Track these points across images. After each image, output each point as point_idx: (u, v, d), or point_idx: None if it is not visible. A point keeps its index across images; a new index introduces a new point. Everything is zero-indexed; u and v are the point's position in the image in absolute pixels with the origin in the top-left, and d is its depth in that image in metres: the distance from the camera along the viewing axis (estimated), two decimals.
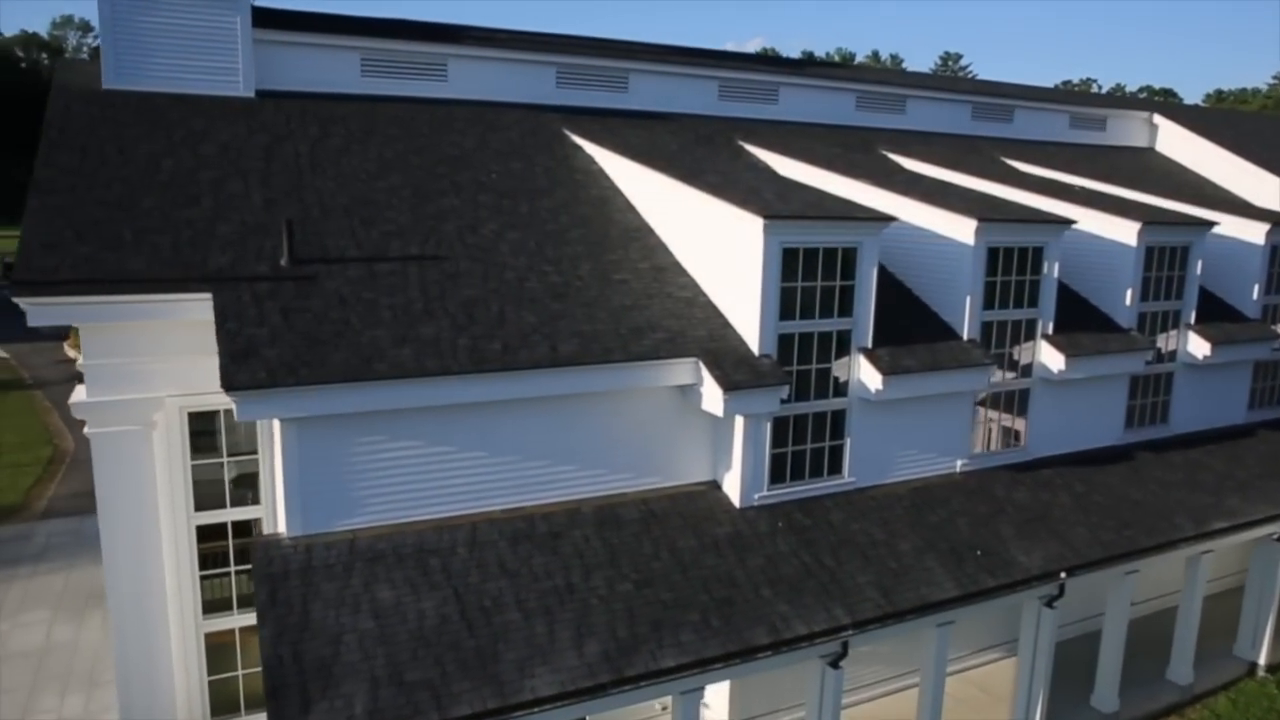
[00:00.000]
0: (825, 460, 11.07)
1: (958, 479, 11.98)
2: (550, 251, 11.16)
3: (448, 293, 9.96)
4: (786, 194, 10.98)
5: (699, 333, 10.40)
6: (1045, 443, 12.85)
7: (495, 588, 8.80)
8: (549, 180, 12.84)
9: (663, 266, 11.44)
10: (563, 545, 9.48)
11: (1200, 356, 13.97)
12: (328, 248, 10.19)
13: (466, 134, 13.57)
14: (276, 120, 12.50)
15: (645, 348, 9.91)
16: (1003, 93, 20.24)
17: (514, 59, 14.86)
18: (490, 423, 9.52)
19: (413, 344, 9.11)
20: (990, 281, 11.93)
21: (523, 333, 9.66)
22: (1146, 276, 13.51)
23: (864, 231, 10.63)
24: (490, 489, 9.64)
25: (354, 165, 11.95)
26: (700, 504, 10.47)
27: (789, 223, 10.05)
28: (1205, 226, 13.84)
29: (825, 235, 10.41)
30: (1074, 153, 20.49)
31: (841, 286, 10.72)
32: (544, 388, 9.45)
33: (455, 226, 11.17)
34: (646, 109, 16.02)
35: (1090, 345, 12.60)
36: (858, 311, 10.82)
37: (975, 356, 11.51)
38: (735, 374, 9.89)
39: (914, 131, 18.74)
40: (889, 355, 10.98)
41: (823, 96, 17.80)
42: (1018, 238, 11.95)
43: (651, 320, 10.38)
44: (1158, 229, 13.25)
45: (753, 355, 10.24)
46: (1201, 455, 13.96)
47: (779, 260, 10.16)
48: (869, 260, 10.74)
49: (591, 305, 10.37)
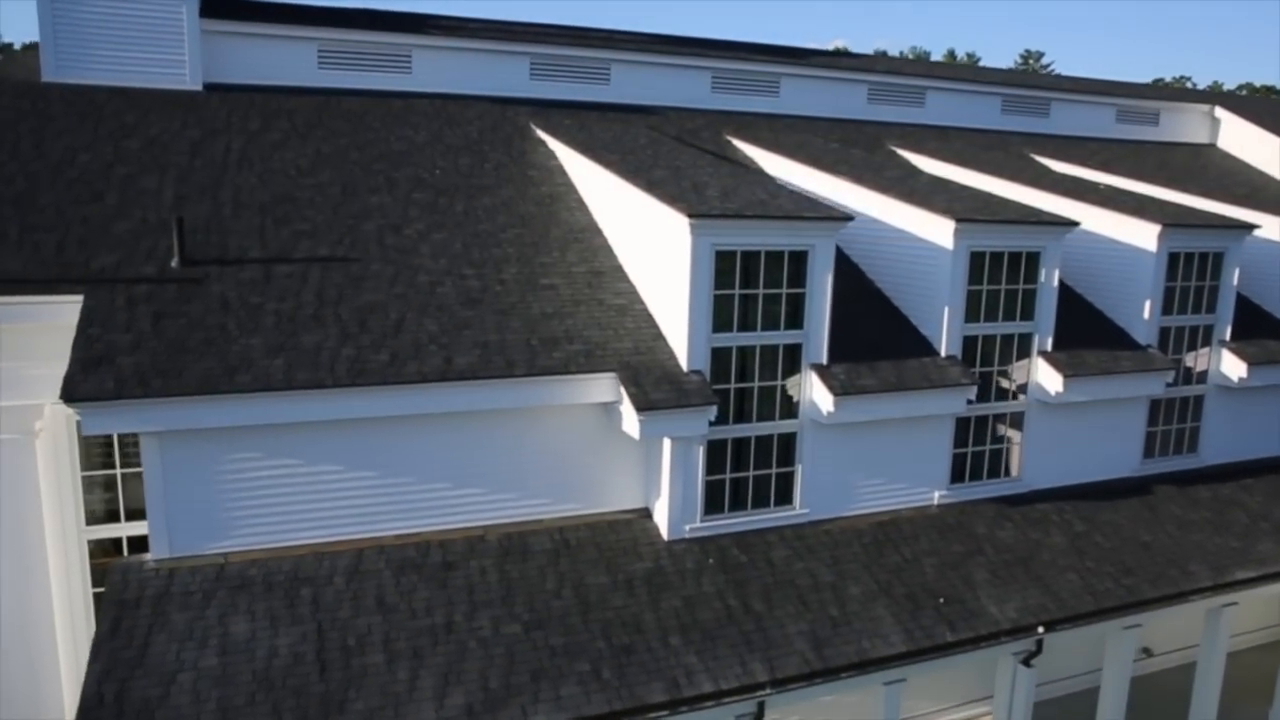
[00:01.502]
0: (772, 489, 9.91)
1: (933, 513, 10.64)
2: (476, 254, 10.29)
3: (346, 298, 9.17)
4: (735, 191, 9.86)
5: (624, 345, 9.38)
6: (1042, 473, 11.38)
7: (365, 624, 7.96)
8: (497, 177, 11.98)
9: (601, 271, 10.45)
10: (454, 578, 8.58)
11: (1235, 379, 12.24)
12: (229, 248, 9.53)
13: (421, 128, 12.82)
14: (217, 114, 11.96)
15: (555, 361, 8.95)
16: (1037, 84, 18.54)
17: (483, 49, 14.07)
18: (383, 441, 8.69)
19: (289, 354, 8.34)
20: (975, 290, 10.56)
21: (419, 343, 8.81)
22: (1171, 286, 11.88)
23: (816, 233, 9.44)
24: (382, 513, 8.82)
25: (287, 161, 11.30)
26: (623, 535, 9.45)
27: (721, 223, 8.94)
28: (1242, 230, 12.11)
29: (768, 237, 9.26)
30: (1120, 149, 18.64)
31: (790, 295, 9.55)
32: (436, 404, 8.58)
33: (377, 226, 10.39)
34: (630, 102, 15.04)
35: (1096, 364, 11.08)
36: (809, 323, 9.63)
37: (952, 376, 10.17)
38: (654, 392, 8.84)
39: (933, 126, 17.25)
40: (846, 373, 9.75)
41: (829, 88, 16.50)
42: (1007, 241, 10.55)
43: (571, 330, 9.41)
44: (1183, 232, 11.62)
45: (680, 371, 9.16)
46: (1234, 491, 12.22)
47: (711, 264, 9.06)
48: (823, 265, 9.54)
49: (506, 313, 9.46)
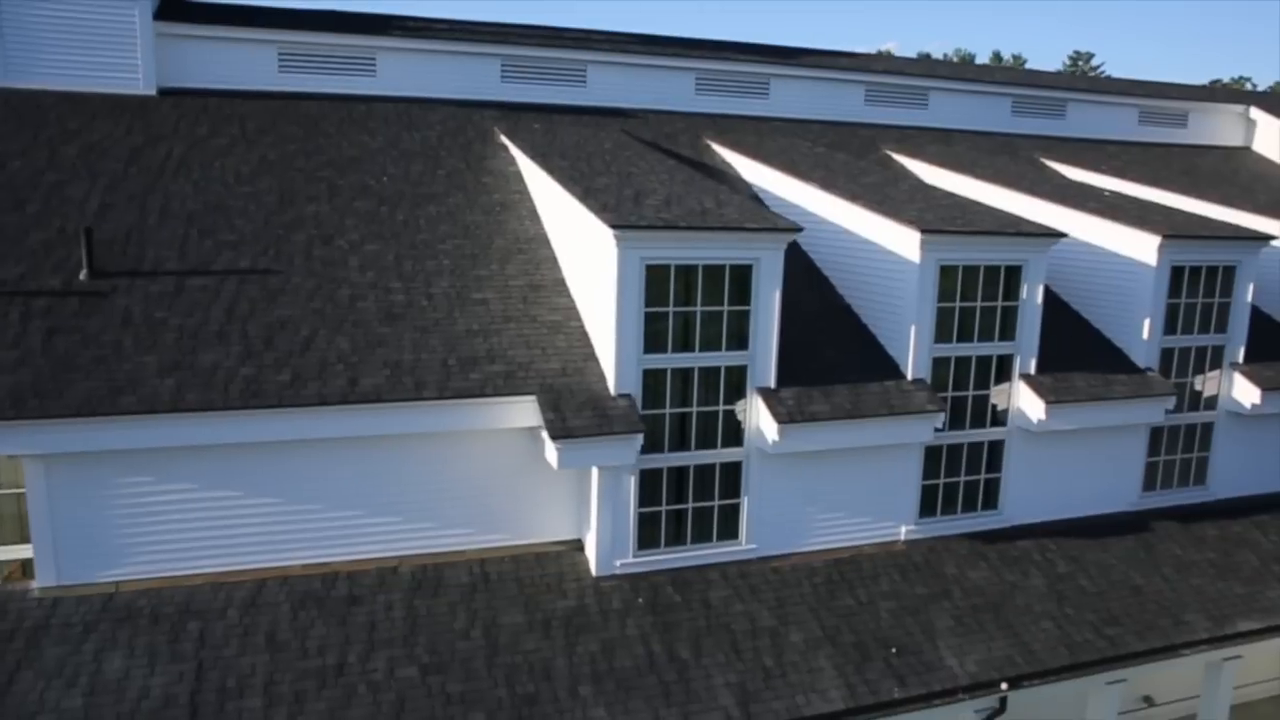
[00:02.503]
0: (714, 522, 9.18)
1: (898, 550, 9.79)
2: (408, 266, 9.74)
3: (258, 313, 8.68)
4: (680, 200, 9.15)
5: (551, 366, 8.74)
6: (1025, 506, 10.44)
7: (250, 664, 7.43)
8: (448, 184, 11.43)
9: (540, 285, 9.82)
10: (357, 613, 8.02)
11: (1248, 405, 11.15)
12: (145, 259, 9.11)
13: (378, 133, 12.34)
14: (165, 119, 11.62)
15: (470, 384, 8.34)
16: (1051, 83, 17.43)
17: (450, 51, 13.56)
18: (287, 465, 8.18)
19: (183, 373, 7.87)
20: (946, 308, 9.70)
21: (325, 362, 8.27)
22: (1174, 303, 10.85)
23: (760, 245, 8.70)
24: (288, 541, 8.31)
25: (227, 167, 10.89)
26: (549, 569, 8.80)
27: (651, 234, 8.25)
28: (1256, 242, 11.02)
29: (706, 250, 8.54)
30: (1142, 153, 17.45)
31: (733, 313, 8.82)
32: (338, 428, 8.03)
33: (307, 237, 9.91)
34: (607, 105, 14.39)
35: (1084, 390, 10.12)
36: (755, 343, 8.88)
37: (916, 402, 9.33)
38: (574, 419, 8.18)
39: (935, 129, 16.29)
40: (795, 398, 8.98)
41: (823, 89, 15.65)
42: (983, 254, 9.67)
43: (495, 349, 8.80)
44: (1187, 244, 10.59)
45: (607, 395, 8.49)
46: (1245, 529, 11.12)
47: (640, 279, 8.37)
48: (769, 280, 8.79)
49: (427, 330, 8.88)
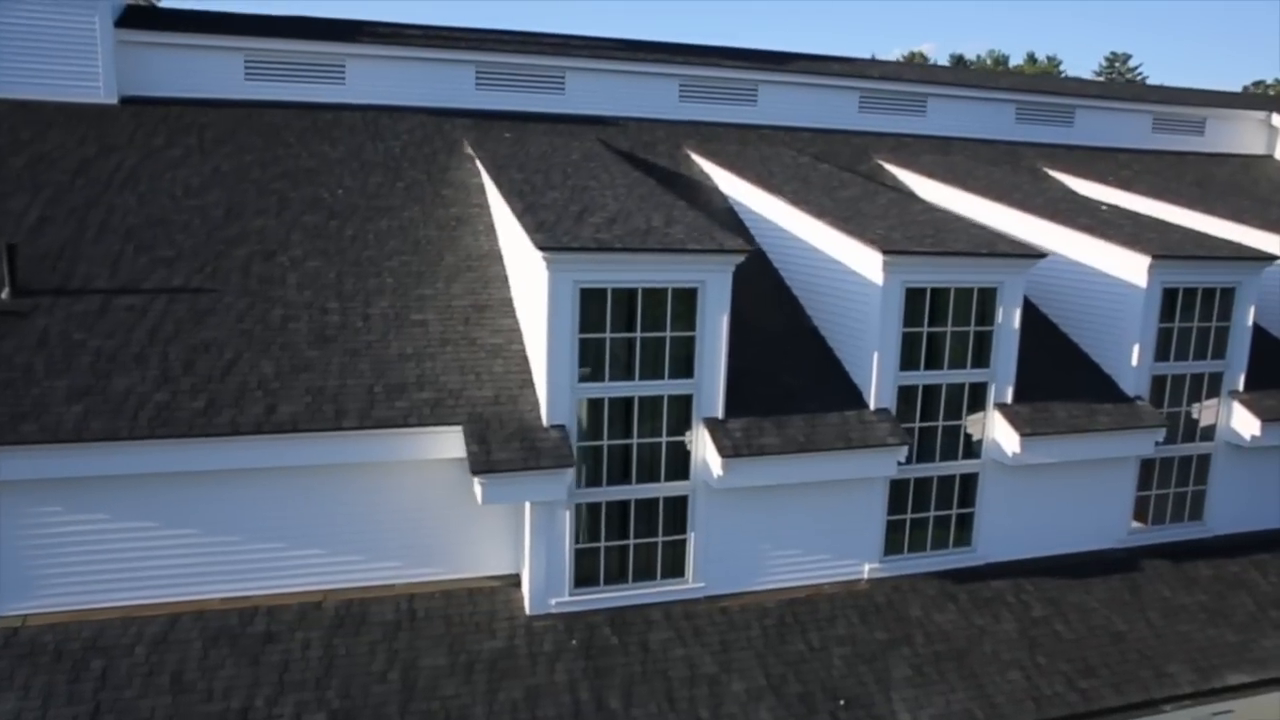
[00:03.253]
0: (658, 559, 8.69)
1: (861, 589, 9.22)
2: (348, 284, 9.37)
3: (182, 334, 8.35)
4: (627, 217, 8.67)
5: (484, 393, 8.31)
6: (1002, 543, 9.81)
7: (149, 706, 7.09)
8: (406, 197, 11.05)
9: (485, 305, 9.40)
10: (271, 652, 7.65)
11: (1247, 437, 10.41)
12: (74, 276, 8.83)
13: (341, 143, 12.00)
14: (123, 129, 11.38)
15: (394, 413, 7.93)
16: (1057, 89, 16.64)
17: (422, 58, 13.19)
18: (205, 495, 7.84)
19: (93, 399, 7.55)
20: (913, 333, 9.11)
21: (245, 388, 7.91)
22: (1167, 327, 10.14)
23: (705, 268, 8.19)
24: (207, 574, 7.97)
25: (178, 179, 10.61)
26: (481, 606, 8.37)
27: (584, 256, 7.78)
28: (1258, 263, 10.27)
29: (645, 273, 8.05)
30: (1156, 162, 16.61)
31: (678, 339, 8.32)
32: (252, 458, 7.67)
33: (248, 253, 9.57)
34: (586, 113, 13.94)
35: (1065, 421, 9.47)
36: (701, 371, 8.38)
37: (877, 434, 8.76)
38: (499, 452, 7.73)
39: (933, 137, 15.62)
40: (744, 430, 8.45)
41: (814, 96, 15.06)
42: (953, 275, 9.07)
43: (427, 375, 8.39)
44: (1181, 265, 9.88)
45: (539, 426, 8.04)
46: (1243, 569, 10.38)
47: (574, 303, 7.90)
48: (716, 305, 8.28)
49: (358, 354, 8.49)
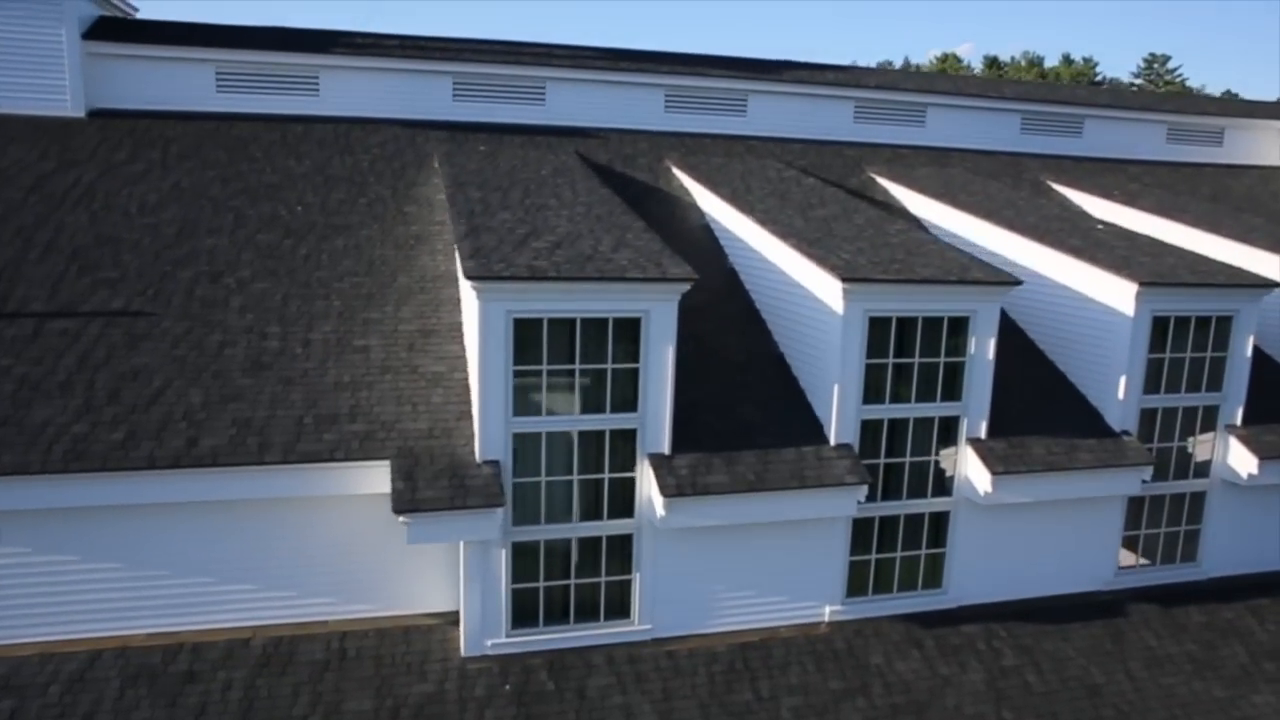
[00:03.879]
0: (602, 598, 8.30)
1: (820, 633, 8.76)
2: (293, 308, 9.10)
3: (113, 361, 8.13)
4: (574, 241, 8.30)
5: (418, 425, 7.98)
6: (975, 585, 9.28)
7: None
8: (367, 214, 10.78)
9: (433, 330, 9.08)
10: (190, 693, 7.39)
11: (1245, 475, 9.76)
12: (11, 299, 8.66)
13: (307, 157, 11.77)
14: (87, 143, 11.25)
15: (321, 446, 7.63)
16: (1065, 98, 15.94)
17: (398, 69, 12.93)
18: (130, 529, 7.60)
19: (8, 430, 7.33)
20: (877, 364, 8.63)
21: (169, 419, 7.66)
22: (1158, 358, 9.54)
23: (648, 297, 7.79)
24: (132, 609, 7.73)
25: (135, 196, 10.43)
26: (415, 646, 8.05)
27: (513, 285, 7.42)
28: (1257, 290, 9.62)
29: (582, 302, 7.67)
30: (1169, 174, 15.86)
31: (620, 371, 7.93)
32: (171, 492, 7.41)
33: (194, 274, 9.35)
34: (567, 124, 13.59)
35: (1042, 458, 8.92)
36: (646, 403, 7.98)
37: (835, 473, 8.29)
38: (425, 489, 7.40)
39: (932, 148, 15.04)
40: (690, 467, 8.04)
41: (807, 106, 14.57)
42: (920, 304, 8.57)
43: (362, 405, 8.08)
44: (1170, 292, 9.27)
45: (471, 462, 7.70)
46: (1238, 615, 9.73)
47: (507, 333, 7.54)
48: (661, 335, 7.87)
49: (292, 382, 8.21)
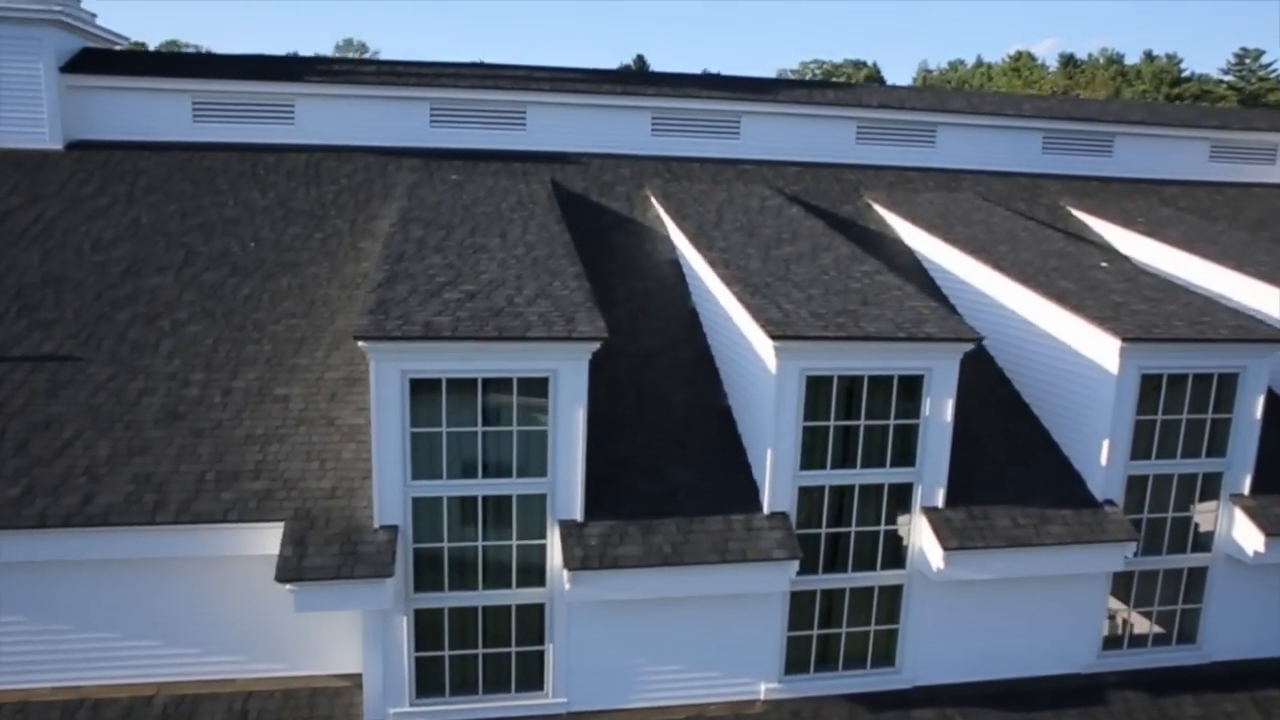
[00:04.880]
0: (513, 669, 7.86)
1: (754, 712, 8.14)
2: (223, 352, 8.91)
3: (30, 409, 8.06)
4: (490, 292, 7.87)
5: (321, 485, 7.68)
6: (934, 664, 8.52)
7: None
8: (319, 250, 10.57)
9: (358, 378, 8.76)
10: None
11: (1250, 553, 8.73)
12: None
13: (272, 190, 11.64)
14: (57, 177, 11.34)
15: (216, 506, 7.39)
16: (1093, 115, 14.78)
17: (373, 96, 12.72)
18: (32, 583, 7.50)
19: None
20: (817, 427, 7.96)
21: (70, 473, 7.53)
22: (1149, 420, 8.60)
23: (551, 357, 7.30)
24: (34, 663, 7.65)
25: (93, 232, 10.44)
26: (320, 711, 7.75)
27: (406, 345, 7.03)
28: (1266, 345, 8.58)
29: (479, 362, 7.23)
30: (1209, 197, 14.58)
31: (525, 433, 7.47)
32: (65, 549, 7.26)
33: (131, 316, 9.26)
34: (547, 149, 13.19)
35: (1005, 531, 8.10)
36: (555, 466, 7.50)
37: (764, 545, 7.66)
38: (314, 557, 7.08)
39: (942, 170, 14.14)
40: (602, 538, 7.52)
41: (804, 127, 13.85)
42: (864, 362, 7.87)
43: (269, 460, 7.82)
44: (1160, 348, 8.34)
45: (368, 527, 7.35)
46: (1239, 709, 8.68)
47: (402, 392, 7.16)
48: (571, 396, 7.38)
49: (203, 434, 8.00)
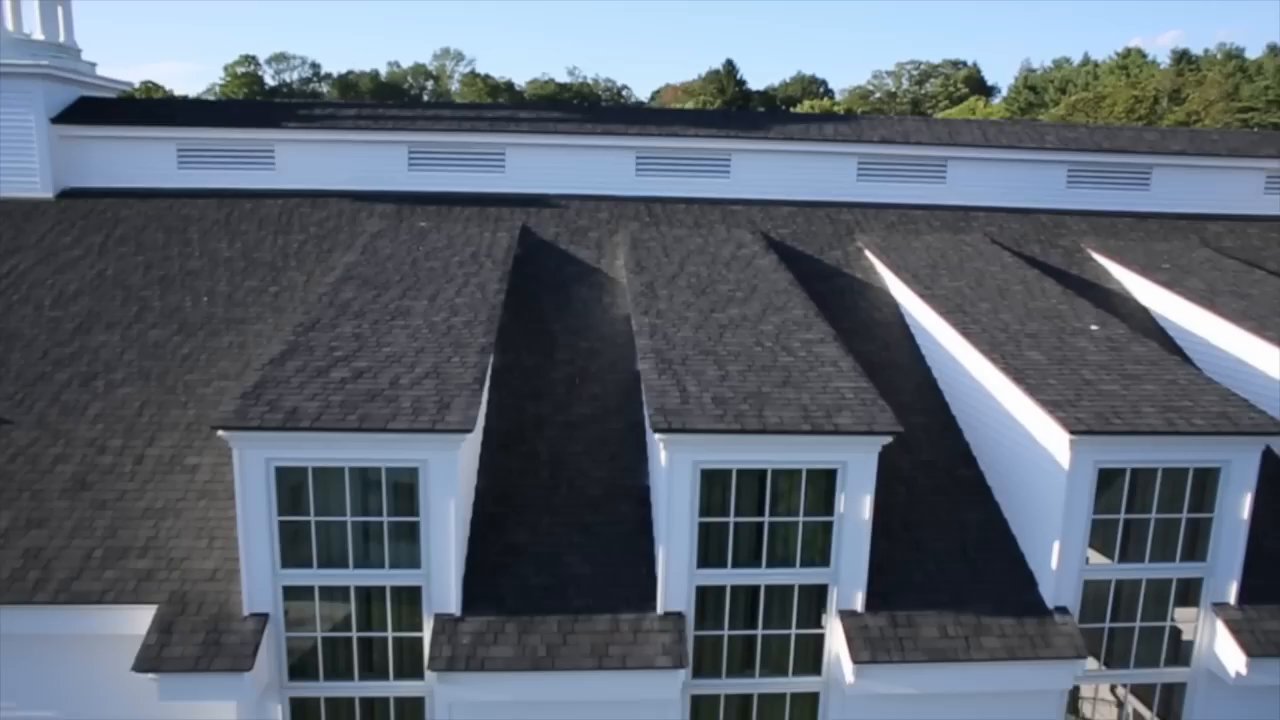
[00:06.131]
0: None
1: None
2: (148, 416, 8.92)
3: None
4: (379, 372, 7.58)
5: (206, 565, 7.56)
6: None
7: None
8: (270, 305, 10.54)
9: None
10: None
11: (1233, 673, 7.63)
12: None
13: (240, 239, 11.72)
14: (38, 228, 11.71)
15: (96, 585, 7.38)
16: (1123, 146, 13.41)
17: (351, 140, 12.68)
18: None
19: None
20: (716, 523, 7.34)
21: None
22: (1101, 519, 7.60)
23: (420, 447, 6.94)
24: None
25: (58, 285, 10.71)
26: None
27: (268, 435, 6.81)
28: (1247, 439, 7.43)
29: (346, 452, 6.93)
30: (1261, 234, 13.06)
31: (396, 525, 7.15)
32: None
33: (69, 376, 9.40)
34: (528, 191, 12.87)
35: (928, 644, 7.28)
36: (430, 559, 7.15)
37: (646, 652, 7.09)
38: (177, 645, 6.95)
39: (952, 207, 13.13)
40: (476, 635, 7.12)
41: (799, 164, 13.11)
42: (764, 455, 7.20)
43: (159, 537, 7.76)
44: (1119, 442, 7.35)
45: (237, 615, 7.16)
46: None
47: (268, 481, 6.95)
48: (443, 487, 7.02)
49: (105, 506, 8.01)
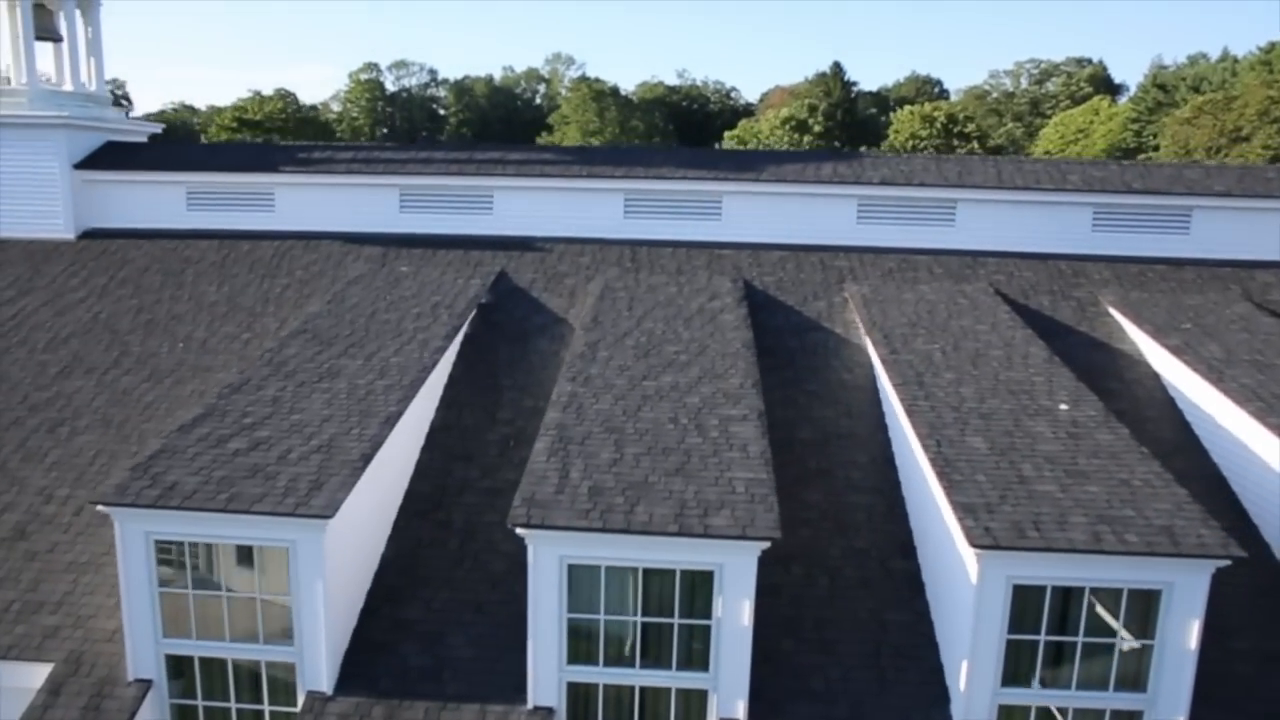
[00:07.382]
0: None
1: None
2: (98, 465, 9.36)
3: None
4: (273, 444, 7.63)
5: (109, 624, 7.78)
6: None
7: None
8: (239, 352, 10.84)
9: None
10: None
11: None
12: None
13: (228, 283, 12.13)
14: (52, 269, 12.45)
15: (4, 640, 7.69)
16: (1158, 187, 12.08)
17: (345, 184, 12.92)
18: None
19: None
20: (585, 620, 7.01)
21: None
22: (1020, 641, 6.82)
23: (290, 529, 6.92)
24: None
25: (54, 328, 11.37)
26: None
27: (144, 512, 6.94)
28: (1196, 561, 6.49)
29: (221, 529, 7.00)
30: None
31: (272, 603, 7.16)
32: None
33: (39, 422, 9.93)
34: (513, 234, 12.79)
35: None
36: (302, 637, 7.14)
37: None
38: (61, 707, 7.18)
39: (959, 252, 12.23)
40: (341, 716, 7.07)
41: (793, 206, 12.49)
42: (638, 555, 6.81)
43: (75, 592, 8.09)
44: (1035, 559, 6.57)
45: (122, 679, 7.34)
46: None
47: (148, 553, 7.13)
48: (310, 567, 6.99)
49: (34, 558, 8.42)
